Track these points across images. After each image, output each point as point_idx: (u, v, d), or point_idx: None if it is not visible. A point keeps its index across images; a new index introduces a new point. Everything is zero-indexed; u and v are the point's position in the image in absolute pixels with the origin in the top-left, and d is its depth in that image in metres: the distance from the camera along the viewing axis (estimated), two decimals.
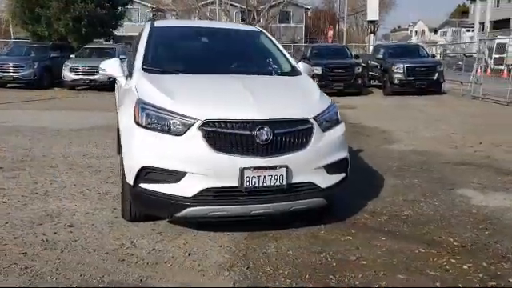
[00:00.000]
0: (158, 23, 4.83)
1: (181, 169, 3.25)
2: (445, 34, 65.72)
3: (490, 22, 52.52)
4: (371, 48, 22.64)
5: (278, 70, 4.52)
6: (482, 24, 54.02)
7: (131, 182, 3.43)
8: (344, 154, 3.71)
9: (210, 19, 36.17)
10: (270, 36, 5.13)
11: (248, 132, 3.26)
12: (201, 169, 3.23)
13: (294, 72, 4.50)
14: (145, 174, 3.36)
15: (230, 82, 3.97)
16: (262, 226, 3.70)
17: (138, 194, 3.43)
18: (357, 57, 18.32)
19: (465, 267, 3.15)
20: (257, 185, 3.26)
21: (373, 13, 23.48)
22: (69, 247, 3.40)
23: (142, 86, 3.75)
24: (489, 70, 26.53)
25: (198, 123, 3.24)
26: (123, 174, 3.60)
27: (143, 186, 3.38)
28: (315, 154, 3.44)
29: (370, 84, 18.35)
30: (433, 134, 8.48)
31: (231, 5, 35.80)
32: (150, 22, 4.88)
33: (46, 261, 3.17)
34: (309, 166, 3.43)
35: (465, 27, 59.53)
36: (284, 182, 3.32)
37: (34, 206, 4.28)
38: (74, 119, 9.72)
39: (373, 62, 18.12)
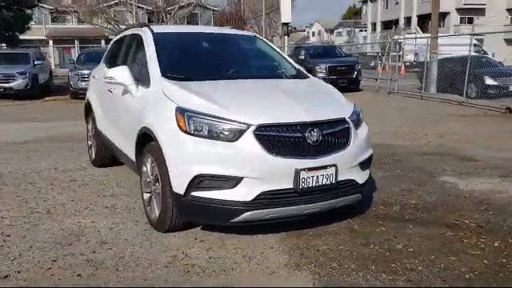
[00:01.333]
0: (157, 29, 4.71)
1: (237, 174, 3.28)
2: (340, 34, 69.61)
3: (381, 22, 56.76)
4: (286, 49, 23.44)
5: (286, 73, 4.66)
6: (374, 24, 58.17)
7: (181, 191, 3.38)
8: (371, 151, 3.96)
9: (116, 21, 35.07)
10: (265, 40, 5.25)
11: (300, 134, 3.37)
12: (258, 173, 3.28)
13: (301, 74, 4.66)
14: (198, 181, 3.33)
15: (261, 86, 4.04)
16: (291, 226, 3.80)
17: (188, 202, 3.38)
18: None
19: (496, 244, 3.55)
20: (310, 185, 3.38)
21: (286, 15, 24.27)
22: (121, 264, 3.26)
23: (176, 94, 3.68)
24: (387, 67, 28.79)
25: (252, 128, 3.29)
26: (167, 184, 3.51)
27: (196, 194, 3.35)
28: (354, 151, 3.65)
29: None
30: (381, 127, 9.11)
31: (138, 6, 34.83)
32: (146, 28, 4.73)
33: (110, 280, 3.03)
34: (350, 163, 3.62)
35: (358, 27, 63.57)
36: (334, 181, 3.48)
37: (47, 225, 4.00)
38: (8, 132, 8.99)
39: None
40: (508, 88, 15.48)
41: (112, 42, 5.90)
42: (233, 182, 3.29)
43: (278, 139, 3.32)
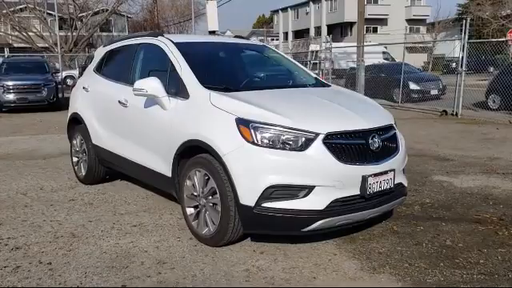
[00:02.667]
0: (175, 38, 4.55)
1: (309, 183, 3.30)
2: None
3: (292, 31, 58.82)
4: None
5: (308, 81, 4.73)
6: (286, 33, 60.11)
7: (251, 203, 3.33)
8: (406, 156, 4.18)
9: (22, 27, 32.69)
10: (275, 49, 5.29)
11: (363, 141, 3.49)
12: (329, 181, 3.33)
13: (321, 82, 4.77)
14: (270, 192, 3.30)
15: (301, 95, 4.10)
16: (336, 232, 3.87)
17: (258, 214, 3.34)
18: None
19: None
20: (375, 190, 3.50)
21: (213, 23, 24.32)
22: (199, 283, 3.14)
23: (229, 104, 3.61)
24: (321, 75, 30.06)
25: (321, 137, 3.34)
26: (230, 197, 3.44)
27: (267, 205, 3.31)
28: (403, 156, 3.84)
29: None
30: None
31: (48, 13, 32.79)
32: (163, 38, 4.56)
33: None
34: (400, 167, 3.80)
35: (270, 36, 65.26)
36: (392, 185, 3.64)
37: (84, 249, 3.72)
38: None
39: None
40: (429, 92, 16.90)
41: (104, 51, 5.56)
42: (305, 191, 3.31)
43: (345, 147, 3.41)
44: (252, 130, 3.37)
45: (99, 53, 5.73)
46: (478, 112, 12.54)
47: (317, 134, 3.34)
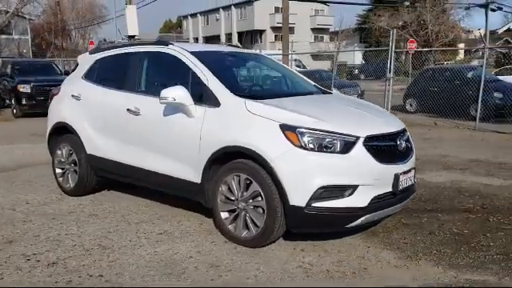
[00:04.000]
0: (189, 47, 4.60)
1: (354, 183, 3.61)
2: None
3: (203, 37, 58.96)
4: None
5: (312, 88, 5.01)
6: (196, 39, 60.06)
7: (302, 204, 3.56)
8: None
9: None
10: (270, 57, 5.53)
11: (393, 143, 3.88)
12: (370, 180, 3.66)
13: (322, 89, 5.09)
14: (320, 193, 3.55)
15: (328, 102, 4.39)
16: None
17: (308, 213, 3.57)
18: None
19: (510, 218, 4.57)
20: (403, 187, 3.91)
21: (133, 28, 23.79)
22: (265, 281, 3.31)
23: (268, 111, 3.80)
24: None
25: (362, 140, 3.67)
26: (277, 199, 3.63)
27: (316, 204, 3.56)
28: (414, 155, 4.30)
29: None
30: None
31: None
32: (177, 47, 4.61)
33: None
34: (414, 165, 4.25)
35: (179, 41, 64.68)
36: (413, 182, 4.07)
37: (125, 260, 3.69)
38: None
39: None
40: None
41: (94, 58, 5.40)
42: (350, 190, 3.61)
43: (381, 148, 3.77)
44: (299, 135, 3.60)
45: (86, 60, 5.56)
46: (399, 115, 13.70)
47: (357, 138, 3.66)
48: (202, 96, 4.18)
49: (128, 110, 4.67)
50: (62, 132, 5.54)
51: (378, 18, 39.48)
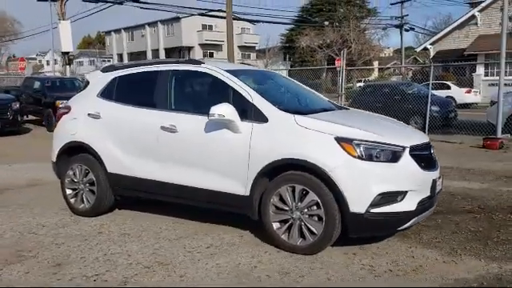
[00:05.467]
0: (222, 66, 4.76)
1: (404, 188, 3.98)
2: (81, 63, 67.29)
3: (128, 53, 57.80)
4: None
5: (330, 105, 5.36)
6: (121, 55, 58.75)
7: (362, 210, 3.86)
8: None
9: None
10: (282, 75, 5.82)
11: (428, 152, 4.32)
12: (416, 185, 4.06)
13: (337, 105, 5.46)
14: (378, 199, 3.88)
15: (361, 116, 4.74)
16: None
17: (367, 219, 3.89)
18: None
19: (510, 216, 5.19)
20: (437, 191, 4.35)
21: (67, 44, 23.00)
22: (339, 282, 3.56)
23: (320, 125, 4.09)
24: None
25: (407, 150, 4.06)
26: (335, 207, 3.91)
27: (374, 210, 3.88)
28: None
29: None
30: None
31: None
32: (212, 66, 4.75)
33: None
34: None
35: (102, 58, 62.92)
36: (441, 187, 4.53)
37: (192, 274, 3.77)
38: None
39: None
40: None
41: (110, 76, 5.34)
42: (401, 195, 3.98)
43: (421, 157, 4.18)
44: (355, 147, 3.92)
45: (99, 78, 5.49)
46: None
47: (404, 148, 4.05)
48: (247, 112, 4.36)
49: (162, 127, 4.72)
50: (74, 152, 5.41)
51: (302, 37, 41.14)
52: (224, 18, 34.27)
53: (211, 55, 52.59)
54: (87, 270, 3.87)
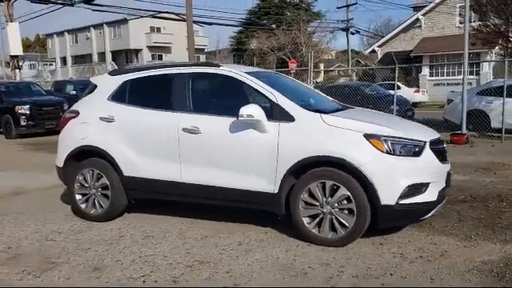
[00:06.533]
0: (241, 69, 4.89)
1: (427, 180, 4.28)
2: (21, 67, 64.09)
3: (72, 56, 55.93)
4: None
5: (337, 104, 5.60)
6: (64, 58, 56.73)
7: (392, 202, 4.13)
8: None
9: None
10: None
11: (442, 146, 4.66)
12: (436, 177, 4.38)
13: (346, 105, 5.71)
14: (406, 191, 4.16)
15: (376, 115, 5.00)
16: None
17: (397, 210, 4.15)
18: None
19: (504, 204, 5.64)
20: (450, 182, 4.70)
21: (16, 48, 22.09)
22: (398, 278, 3.81)
23: (345, 123, 4.34)
24: None
25: (428, 144, 4.38)
26: (367, 200, 4.15)
27: (403, 201, 4.16)
28: None
29: None
30: None
31: None
32: (229, 68, 4.87)
33: None
34: None
35: (44, 61, 60.39)
36: (451, 179, 4.88)
37: (239, 271, 3.89)
38: None
39: None
40: None
41: (121, 80, 5.30)
42: (425, 187, 4.27)
43: (438, 150, 4.51)
44: (384, 143, 4.18)
45: (108, 81, 5.45)
46: None
47: (425, 142, 4.36)
48: (272, 112, 4.51)
49: (184, 129, 4.78)
50: (84, 156, 5.35)
51: (252, 39, 41.49)
52: (173, 19, 33.87)
53: (160, 57, 51.88)
54: (129, 271, 3.89)
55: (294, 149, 4.37)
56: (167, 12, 38.59)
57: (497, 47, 21.31)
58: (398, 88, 25.22)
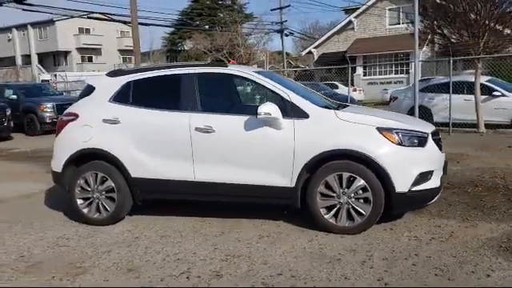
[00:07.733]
0: (248, 69, 5.01)
1: (432, 168, 4.67)
2: None
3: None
4: None
5: (336, 102, 5.87)
6: None
7: (405, 189, 4.46)
8: None
9: None
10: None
11: (439, 137, 5.08)
12: (437, 165, 4.77)
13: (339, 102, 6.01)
14: (417, 179, 4.51)
15: (378, 110, 5.31)
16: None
17: (409, 197, 4.49)
18: None
19: (499, 195, 6.13)
20: (446, 170, 5.13)
21: None
22: (410, 258, 4.13)
23: (359, 118, 4.64)
24: None
25: (430, 135, 4.77)
26: (382, 189, 4.46)
27: (414, 188, 4.51)
28: None
29: None
30: None
31: None
32: (239, 68, 4.99)
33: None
34: None
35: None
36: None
37: (278, 260, 4.04)
38: None
39: None
40: None
41: (123, 81, 5.20)
42: (431, 174, 4.65)
43: (437, 140, 4.92)
44: (395, 135, 4.51)
45: (108, 83, 5.35)
46: None
47: (428, 134, 4.75)
48: (286, 110, 4.70)
49: (197, 128, 4.83)
50: (85, 160, 5.23)
51: (186, 40, 41.21)
52: (101, 19, 32.79)
53: (90, 60, 50.11)
54: (167, 270, 3.91)
55: (310, 144, 4.58)
56: (96, 12, 37.40)
57: (424, 47, 22.98)
58: (336, 87, 26.47)
